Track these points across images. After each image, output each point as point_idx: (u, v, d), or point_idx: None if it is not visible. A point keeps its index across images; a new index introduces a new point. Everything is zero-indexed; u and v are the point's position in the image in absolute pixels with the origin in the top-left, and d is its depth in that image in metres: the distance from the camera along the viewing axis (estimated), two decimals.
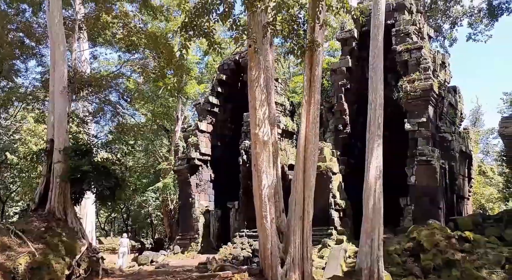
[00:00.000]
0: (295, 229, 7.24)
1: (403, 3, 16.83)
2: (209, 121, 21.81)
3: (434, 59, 15.76)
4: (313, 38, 7.56)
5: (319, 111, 8.19)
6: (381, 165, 9.10)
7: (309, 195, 7.48)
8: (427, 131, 14.25)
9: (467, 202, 16.44)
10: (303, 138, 7.80)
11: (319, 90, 8.00)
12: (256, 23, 7.20)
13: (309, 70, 7.91)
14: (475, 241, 11.64)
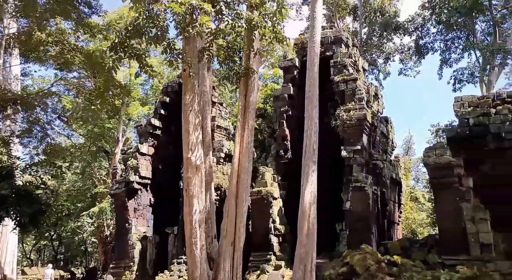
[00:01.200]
0: (226, 255, 7.12)
1: (340, 37, 17.86)
2: (150, 144, 21.27)
3: (368, 90, 16.74)
4: (248, 65, 7.76)
5: (253, 137, 8.30)
6: (315, 190, 9.33)
7: (241, 221, 7.45)
8: (362, 159, 14.93)
9: (397, 227, 17.26)
10: (236, 163, 7.84)
11: (253, 116, 8.14)
12: (191, 47, 7.25)
13: (244, 96, 8.05)
14: (403, 265, 12.16)
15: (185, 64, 7.09)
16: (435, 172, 12.95)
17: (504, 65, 23.06)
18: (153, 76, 7.37)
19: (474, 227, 11.85)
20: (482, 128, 16.22)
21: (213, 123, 21.08)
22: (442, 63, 25.28)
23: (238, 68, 7.61)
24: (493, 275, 10.71)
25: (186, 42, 7.19)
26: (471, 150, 16.48)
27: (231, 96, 36.21)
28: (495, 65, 22.48)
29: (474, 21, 24.63)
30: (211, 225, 7.72)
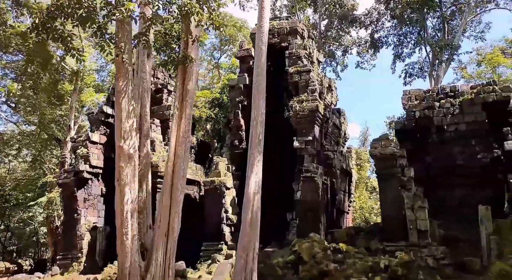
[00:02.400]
0: (158, 245, 7.07)
1: (295, 28, 17.97)
2: (102, 132, 20.57)
3: (321, 82, 17.02)
4: (186, 52, 7.65)
5: (191, 126, 8.23)
6: (260, 180, 9.44)
7: (175, 210, 7.40)
8: (313, 149, 15.23)
9: (347, 216, 17.87)
10: (172, 153, 7.76)
11: (191, 105, 8.06)
12: (124, 32, 7.02)
13: (182, 84, 7.95)
14: (347, 252, 12.62)
15: (117, 50, 6.86)
16: (380, 163, 13.46)
17: (451, 61, 24.18)
18: (81, 61, 7.05)
19: (413, 215, 12.46)
20: (426, 121, 17.04)
21: (168, 112, 20.73)
22: (395, 57, 26.13)
23: (176, 55, 7.46)
24: (427, 259, 11.36)
25: (119, 26, 6.96)
26: (417, 141, 17.30)
27: None
28: (443, 61, 23.53)
29: (425, 17, 25.58)
30: (146, 215, 7.62)
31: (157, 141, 18.54)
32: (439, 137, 16.76)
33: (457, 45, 24.37)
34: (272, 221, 16.57)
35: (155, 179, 17.43)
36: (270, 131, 18.88)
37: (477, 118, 16.08)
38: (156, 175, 17.41)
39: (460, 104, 16.57)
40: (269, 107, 19.40)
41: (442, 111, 16.84)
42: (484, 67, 26.06)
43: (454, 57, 24.45)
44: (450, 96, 17.14)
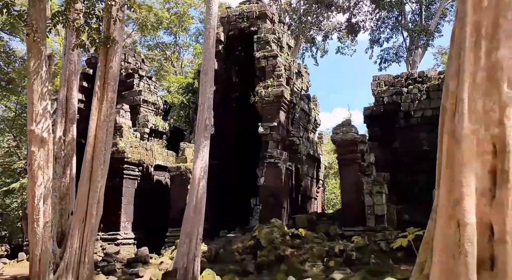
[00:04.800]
0: (75, 232, 7.00)
1: (265, 12, 17.70)
2: None
3: (289, 67, 16.85)
4: (109, 34, 7.44)
5: (114, 109, 8.07)
6: (206, 166, 9.37)
7: (94, 196, 7.31)
8: (278, 135, 15.16)
9: (315, 202, 17.96)
10: (92, 137, 7.62)
11: (114, 88, 7.89)
12: (38, 10, 6.76)
13: (104, 67, 7.76)
14: (305, 237, 12.70)
15: (28, 28, 6.61)
16: (341, 148, 13.46)
17: (427, 46, 24.07)
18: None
19: (371, 200, 12.53)
20: (394, 107, 17.02)
21: (139, 98, 20.48)
22: (371, 42, 25.94)
23: (97, 36, 7.25)
24: (380, 243, 11.46)
25: (32, 3, 6.69)
26: (385, 127, 17.31)
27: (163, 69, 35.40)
28: (419, 46, 23.41)
29: (403, 1, 25.34)
30: (68, 201, 7.52)
31: (125, 127, 18.33)
32: (406, 123, 16.79)
33: (433, 30, 24.24)
34: (238, 207, 16.64)
35: (122, 165, 17.33)
36: (239, 118, 18.86)
37: None
38: (123, 161, 17.31)
39: (427, 90, 16.56)
40: (239, 93, 19.36)
41: (410, 97, 16.82)
42: None
43: (431, 42, 24.37)
44: (418, 82, 17.11)
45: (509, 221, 3.25)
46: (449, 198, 3.52)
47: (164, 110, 22.15)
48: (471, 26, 3.60)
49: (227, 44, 18.75)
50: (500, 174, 3.36)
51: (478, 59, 3.54)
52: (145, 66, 22.58)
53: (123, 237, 16.44)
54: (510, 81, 3.46)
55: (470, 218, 3.32)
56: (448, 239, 3.44)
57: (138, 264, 13.76)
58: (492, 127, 3.44)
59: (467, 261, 3.25)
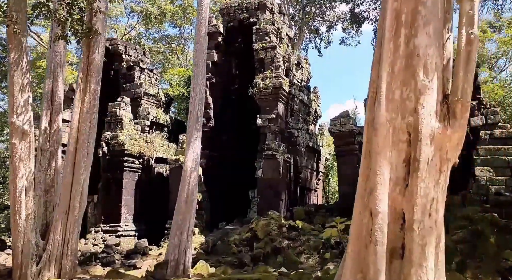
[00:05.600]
0: (57, 224, 7.04)
1: (264, 3, 17.51)
2: None
3: (289, 58, 16.69)
4: (91, 25, 7.39)
5: (97, 101, 8.05)
6: (198, 158, 9.36)
7: (77, 188, 7.32)
8: (276, 127, 15.08)
9: (315, 194, 17.88)
10: (75, 129, 7.62)
11: (97, 80, 7.85)
12: (18, 0, 6.72)
13: (87, 58, 7.73)
14: (303, 229, 12.66)
15: (8, 19, 6.59)
16: (339, 140, 13.34)
17: None
18: None
19: None
20: None
21: (140, 90, 20.51)
22: (376, 33, 25.52)
23: (79, 27, 7.20)
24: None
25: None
26: None
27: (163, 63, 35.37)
28: None
29: None
30: (54, 193, 7.55)
31: (126, 119, 18.40)
32: None
33: None
34: (237, 199, 16.66)
35: (123, 157, 17.44)
36: (240, 110, 18.79)
37: None
38: (123, 154, 17.40)
39: None
40: (239, 85, 19.24)
41: None
42: None
43: None
44: None
45: (417, 209, 3.20)
46: (365, 187, 3.47)
47: (165, 102, 22.17)
48: (391, 13, 3.52)
49: (227, 36, 18.64)
50: (413, 162, 3.31)
51: (398, 48, 3.46)
52: (146, 58, 22.57)
53: (123, 229, 16.59)
54: (426, 69, 3.37)
55: (382, 207, 3.27)
56: (361, 229, 3.40)
57: (137, 255, 13.90)
58: (408, 116, 3.38)
59: (376, 250, 3.21)
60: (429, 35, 3.40)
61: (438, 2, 3.47)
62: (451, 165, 3.46)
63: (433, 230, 3.22)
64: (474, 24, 3.38)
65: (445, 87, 3.47)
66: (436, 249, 3.24)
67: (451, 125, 3.37)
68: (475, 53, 3.40)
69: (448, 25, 3.58)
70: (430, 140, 3.30)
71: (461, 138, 3.43)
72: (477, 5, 3.41)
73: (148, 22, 35.94)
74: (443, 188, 3.34)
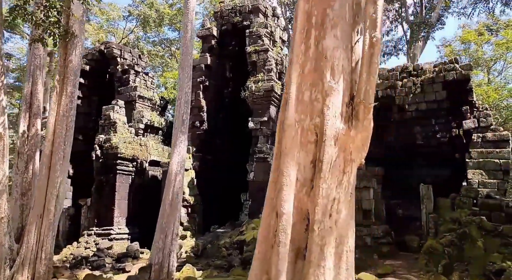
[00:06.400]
0: (31, 228, 7.01)
1: (257, 6, 17.54)
2: None
3: (281, 61, 16.69)
4: (68, 28, 7.40)
5: (75, 104, 8.04)
6: (183, 161, 9.33)
7: (52, 192, 7.29)
8: (268, 130, 15.07)
9: None
10: (50, 132, 7.59)
11: (74, 83, 7.85)
12: None
13: (63, 61, 7.74)
14: None
15: None
16: None
17: (427, 39, 23.62)
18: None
19: (358, 195, 12.33)
20: (388, 100, 16.72)
21: (135, 93, 20.54)
22: None
23: (57, 30, 7.19)
24: (365, 238, 11.31)
25: None
26: (379, 121, 17.02)
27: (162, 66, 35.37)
28: (419, 38, 22.99)
29: None
30: (30, 196, 7.54)
31: (120, 122, 18.42)
32: (400, 117, 16.50)
33: (434, 22, 23.74)
34: (230, 202, 16.62)
35: (116, 160, 17.45)
36: (233, 113, 18.79)
37: (437, 97, 15.75)
38: (116, 157, 17.41)
39: (422, 83, 16.21)
40: (233, 88, 19.24)
41: (404, 90, 16.50)
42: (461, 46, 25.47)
43: (432, 35, 23.88)
44: (413, 75, 16.77)
45: (318, 210, 3.19)
46: (274, 188, 3.46)
47: (161, 105, 22.20)
48: (302, 15, 3.54)
49: (221, 39, 18.67)
50: (317, 163, 3.30)
51: (308, 49, 3.47)
52: (142, 62, 22.62)
53: (116, 232, 16.56)
54: (333, 70, 3.38)
55: (286, 208, 3.25)
56: (269, 230, 3.38)
57: (127, 258, 13.88)
58: (315, 117, 3.38)
59: (279, 250, 3.20)
60: (336, 38, 3.40)
61: (346, 5, 3.48)
62: (356, 166, 3.46)
63: (333, 230, 3.19)
64: (377, 27, 3.38)
65: (353, 89, 3.46)
66: (337, 249, 3.21)
67: (354, 126, 3.36)
68: (378, 56, 3.39)
69: (358, 28, 3.59)
70: (334, 141, 3.29)
71: (366, 139, 3.43)
72: (380, 9, 3.41)
73: (146, 26, 36.06)
74: (346, 188, 3.32)
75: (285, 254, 3.17)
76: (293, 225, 3.26)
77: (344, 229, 3.28)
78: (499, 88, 20.49)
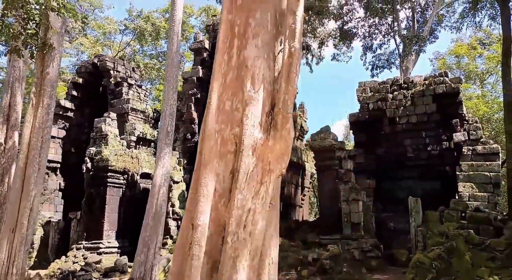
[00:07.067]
0: (2, 242, 6.88)
1: None
2: (61, 126, 20.51)
3: None
4: (46, 40, 7.42)
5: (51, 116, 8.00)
6: (168, 173, 9.28)
7: (25, 205, 7.19)
8: None
9: (300, 210, 17.69)
10: (25, 144, 7.53)
11: (51, 95, 7.83)
12: None
13: (41, 73, 7.74)
14: (281, 245, 12.44)
15: None
16: (319, 155, 13.27)
17: (419, 52, 23.82)
18: None
19: (347, 207, 12.27)
20: (379, 113, 16.80)
21: (127, 106, 20.58)
22: (364, 49, 25.79)
23: (35, 41, 7.20)
24: (354, 252, 11.19)
25: None
26: (370, 133, 17.09)
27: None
28: (411, 52, 23.19)
29: (396, 8, 25.18)
30: (5, 210, 7.45)
31: (111, 135, 18.37)
32: (391, 129, 16.54)
33: (426, 36, 23.98)
34: None
35: (106, 173, 17.34)
36: None
37: (428, 110, 15.84)
38: (107, 169, 17.31)
39: (412, 96, 16.31)
40: None
41: (395, 103, 16.59)
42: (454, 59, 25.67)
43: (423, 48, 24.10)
44: (403, 88, 16.88)
45: (232, 221, 3.13)
46: (193, 200, 3.41)
47: (154, 118, 22.21)
48: (225, 24, 3.56)
49: (213, 51, 18.77)
50: (235, 173, 3.27)
51: (231, 59, 3.48)
52: (135, 74, 22.72)
53: (105, 246, 16.34)
54: (254, 80, 3.38)
55: (202, 220, 3.20)
56: (184, 243, 3.32)
57: (115, 273, 13.66)
58: (235, 127, 3.36)
59: (192, 264, 3.13)
60: (257, 47, 3.41)
61: (268, 15, 3.51)
62: (276, 176, 3.41)
63: (247, 242, 3.14)
64: (296, 38, 3.40)
65: (274, 99, 3.45)
66: (252, 262, 3.15)
67: (273, 136, 3.34)
68: (296, 66, 3.39)
69: (281, 38, 3.61)
70: (252, 151, 3.27)
71: (285, 149, 3.40)
72: (299, 19, 3.43)
73: (142, 39, 36.36)
74: (263, 199, 3.27)
75: (199, 267, 3.10)
76: (210, 237, 3.20)
77: (261, 240, 3.22)
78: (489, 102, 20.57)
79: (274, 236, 3.38)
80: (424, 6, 28.17)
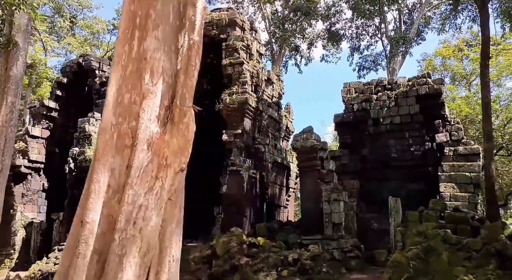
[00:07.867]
0: None
1: (234, 20, 17.65)
2: (45, 126, 20.29)
3: (257, 74, 16.74)
4: (10, 37, 7.32)
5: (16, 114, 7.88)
6: None
7: None
8: (241, 143, 14.99)
9: (285, 210, 17.67)
10: None
11: (15, 93, 7.72)
12: None
13: (4, 70, 7.63)
14: (262, 246, 12.41)
15: None
16: (301, 155, 13.27)
17: (405, 54, 23.98)
18: None
19: (329, 208, 12.28)
20: (364, 114, 16.85)
21: None
22: (352, 50, 25.89)
23: None
24: (334, 252, 11.20)
25: None
26: (354, 134, 17.13)
27: None
28: (397, 53, 23.34)
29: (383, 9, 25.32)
30: None
31: (95, 135, 18.20)
32: (375, 130, 16.59)
33: (412, 37, 24.15)
34: (203, 216, 16.39)
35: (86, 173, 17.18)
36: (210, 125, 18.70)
37: (411, 111, 15.91)
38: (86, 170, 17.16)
39: (396, 97, 16.38)
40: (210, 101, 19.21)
41: (379, 104, 16.65)
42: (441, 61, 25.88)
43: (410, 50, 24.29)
44: (387, 89, 16.96)
45: (121, 217, 3.07)
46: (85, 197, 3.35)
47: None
48: (127, 15, 3.51)
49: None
50: (128, 168, 3.21)
51: (131, 50, 3.43)
52: None
53: None
54: (152, 72, 3.34)
55: (91, 217, 3.13)
56: (73, 241, 3.23)
57: None
58: (132, 120, 3.31)
59: (77, 263, 3.03)
60: (157, 39, 3.39)
61: (170, 6, 3.48)
62: (173, 171, 3.34)
63: (136, 239, 3.10)
64: (195, 30, 3.38)
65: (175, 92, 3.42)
66: (143, 260, 3.11)
67: (169, 130, 3.32)
68: (196, 59, 3.38)
69: (184, 31, 3.57)
70: (148, 145, 3.24)
71: (185, 144, 3.35)
72: (199, 11, 3.42)
73: None
74: (158, 194, 3.24)
75: (84, 266, 3.04)
76: (102, 235, 3.14)
77: (155, 238, 3.18)
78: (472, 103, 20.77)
79: (176, 233, 3.30)
80: (411, 7, 28.39)
